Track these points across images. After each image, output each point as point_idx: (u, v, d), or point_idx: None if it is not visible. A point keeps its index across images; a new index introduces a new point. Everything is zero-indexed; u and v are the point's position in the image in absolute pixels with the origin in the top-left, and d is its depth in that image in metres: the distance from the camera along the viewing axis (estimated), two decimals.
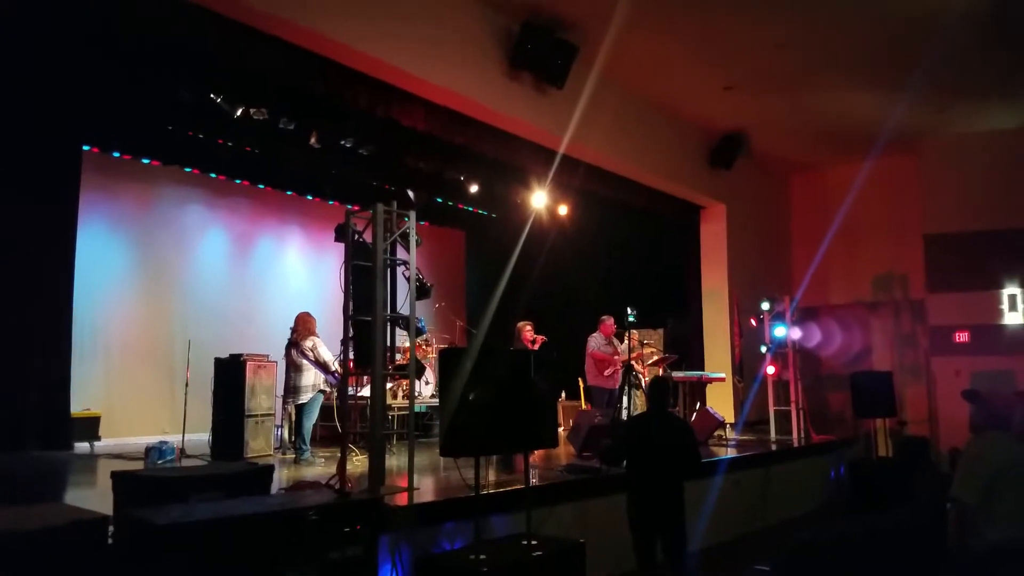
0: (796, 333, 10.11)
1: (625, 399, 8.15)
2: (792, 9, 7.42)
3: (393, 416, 8.58)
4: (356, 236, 5.54)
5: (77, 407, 8.33)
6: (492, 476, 5.98)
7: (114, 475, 4.38)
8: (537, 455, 7.30)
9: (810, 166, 12.67)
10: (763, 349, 10.02)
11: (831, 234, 12.09)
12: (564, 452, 7.76)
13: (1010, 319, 10.87)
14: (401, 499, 4.94)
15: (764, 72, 8.85)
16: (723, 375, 9.99)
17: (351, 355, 5.48)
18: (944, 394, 11.06)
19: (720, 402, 10.77)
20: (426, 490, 5.46)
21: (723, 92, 9.45)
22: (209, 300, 10.11)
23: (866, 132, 10.73)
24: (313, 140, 8.54)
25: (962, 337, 11.10)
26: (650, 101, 9.73)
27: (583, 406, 10.07)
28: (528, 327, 8.67)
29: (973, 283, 11.03)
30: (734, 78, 9.06)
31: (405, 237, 5.63)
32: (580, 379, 9.92)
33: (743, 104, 9.83)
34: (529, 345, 8.58)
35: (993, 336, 10.90)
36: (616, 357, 9.02)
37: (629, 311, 8.12)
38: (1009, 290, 10.91)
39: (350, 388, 6.21)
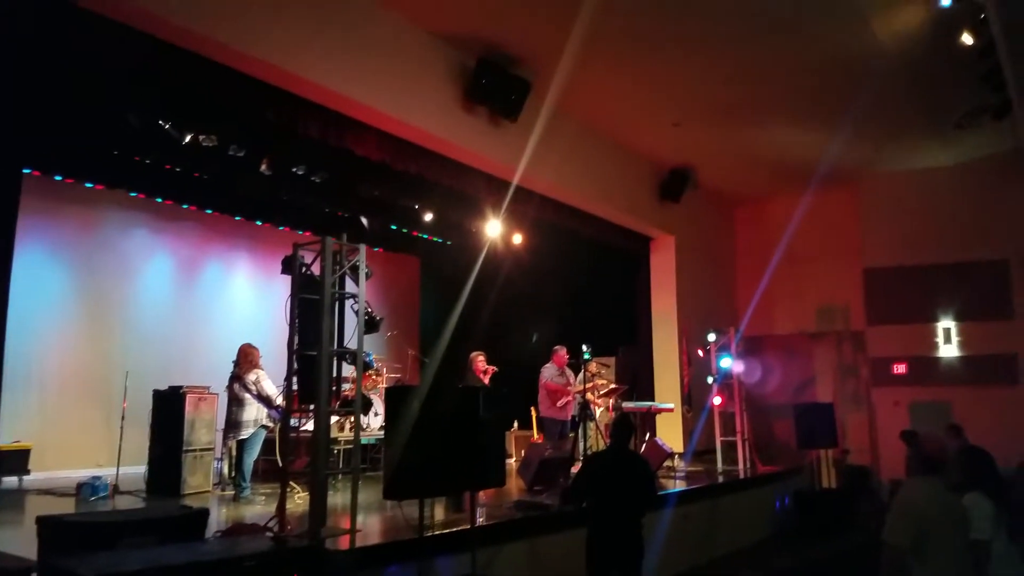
0: (739, 367, 10.22)
1: (580, 430, 8.12)
2: (735, 50, 7.62)
3: (339, 451, 8.37)
4: (304, 269, 5.42)
5: (6, 439, 7.92)
6: (440, 515, 5.86)
7: (39, 521, 4.14)
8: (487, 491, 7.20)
9: (754, 198, 12.93)
10: (709, 380, 10.11)
11: (773, 265, 12.33)
12: (515, 486, 7.69)
13: (945, 351, 11.21)
14: (343, 542, 4.78)
15: (710, 108, 9.05)
16: (672, 405, 10.03)
17: (295, 389, 5.36)
18: (884, 424, 11.31)
19: (669, 432, 10.80)
20: (370, 531, 5.30)
21: (671, 128, 9.62)
22: (152, 328, 9.77)
23: (806, 167, 11.04)
24: (264, 167, 8.39)
25: (900, 369, 11.40)
26: (602, 135, 9.84)
27: (535, 436, 10.01)
28: (480, 357, 8.63)
29: (910, 316, 11.35)
30: (682, 114, 9.25)
31: (355, 270, 5.53)
32: (533, 408, 9.89)
33: (690, 139, 10.03)
34: (481, 376, 8.52)
35: (929, 368, 11.21)
36: (569, 388, 8.99)
37: (585, 349, 8.13)
38: (944, 323, 11.26)
39: (294, 419, 5.99)
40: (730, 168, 11.21)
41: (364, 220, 10.37)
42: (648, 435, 9.93)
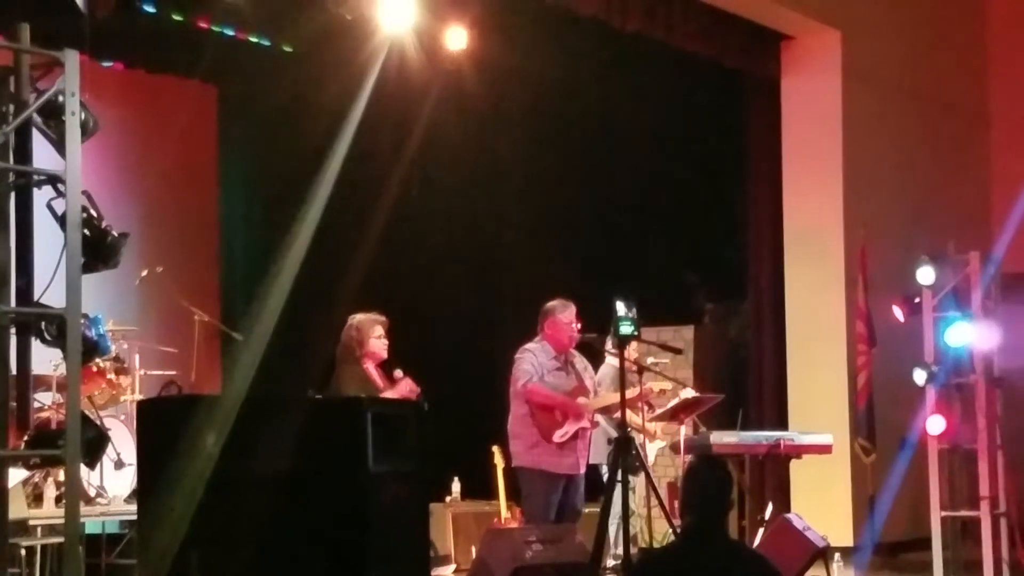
0: (990, 339, 10.25)
1: (617, 501, 8.23)
2: None
3: (33, 547, 8.42)
4: None
5: None
6: None
7: None
8: None
9: None
10: (919, 376, 10.18)
11: None
12: None
13: None
14: None
15: None
16: (828, 438, 10.13)
17: None
18: None
19: (820, 498, 10.99)
20: None
21: None
22: None
23: None
24: None
25: None
26: None
27: (502, 512, 10.18)
28: (377, 327, 8.61)
29: None
30: None
31: (55, 114, 5.47)
32: (496, 449, 10.03)
33: None
34: (378, 376, 8.51)
35: None
36: (582, 400, 9.03)
37: (621, 309, 8.05)
38: None
39: None
40: None
41: None
42: (770, 507, 10.05)
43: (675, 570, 5.11)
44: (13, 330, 5.40)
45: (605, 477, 9.32)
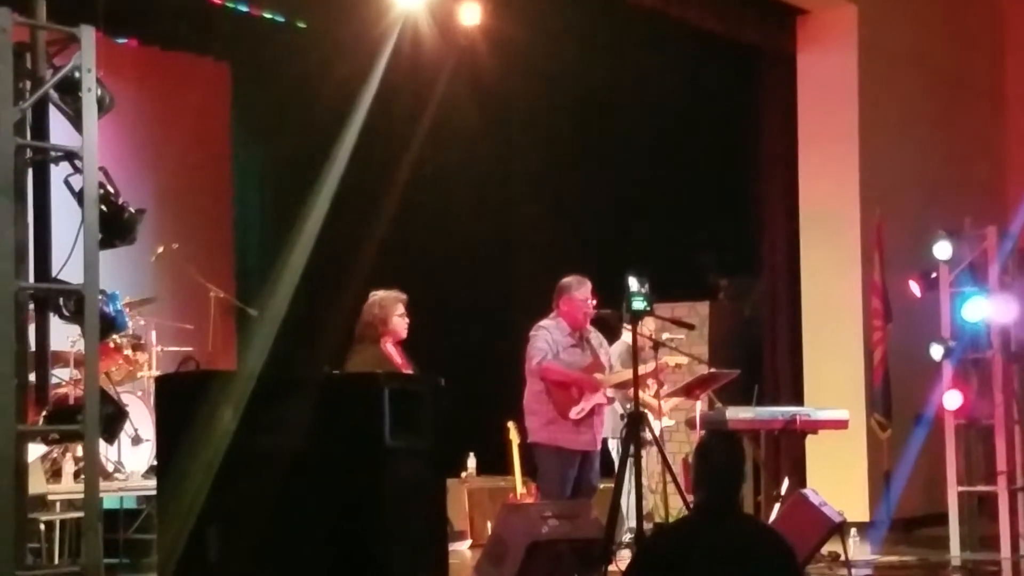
0: (1010, 311, 10.20)
1: (628, 476, 8.21)
2: None
3: (52, 522, 8.47)
4: None
5: None
6: None
7: None
8: None
9: None
10: (936, 351, 10.16)
11: None
12: None
13: None
14: None
15: None
16: (844, 414, 10.11)
17: None
18: None
19: (836, 474, 11.00)
20: None
21: None
22: None
23: None
24: None
25: None
26: None
27: (518, 488, 10.20)
28: (399, 305, 8.56)
29: None
30: None
31: (71, 90, 5.46)
32: (511, 425, 10.04)
33: None
34: (396, 354, 8.48)
35: None
36: (599, 376, 9.00)
37: (634, 284, 8.02)
38: None
39: None
40: None
41: None
42: (786, 482, 10.09)
43: (688, 545, 5.07)
44: (31, 306, 5.43)
45: (613, 452, 9.41)
